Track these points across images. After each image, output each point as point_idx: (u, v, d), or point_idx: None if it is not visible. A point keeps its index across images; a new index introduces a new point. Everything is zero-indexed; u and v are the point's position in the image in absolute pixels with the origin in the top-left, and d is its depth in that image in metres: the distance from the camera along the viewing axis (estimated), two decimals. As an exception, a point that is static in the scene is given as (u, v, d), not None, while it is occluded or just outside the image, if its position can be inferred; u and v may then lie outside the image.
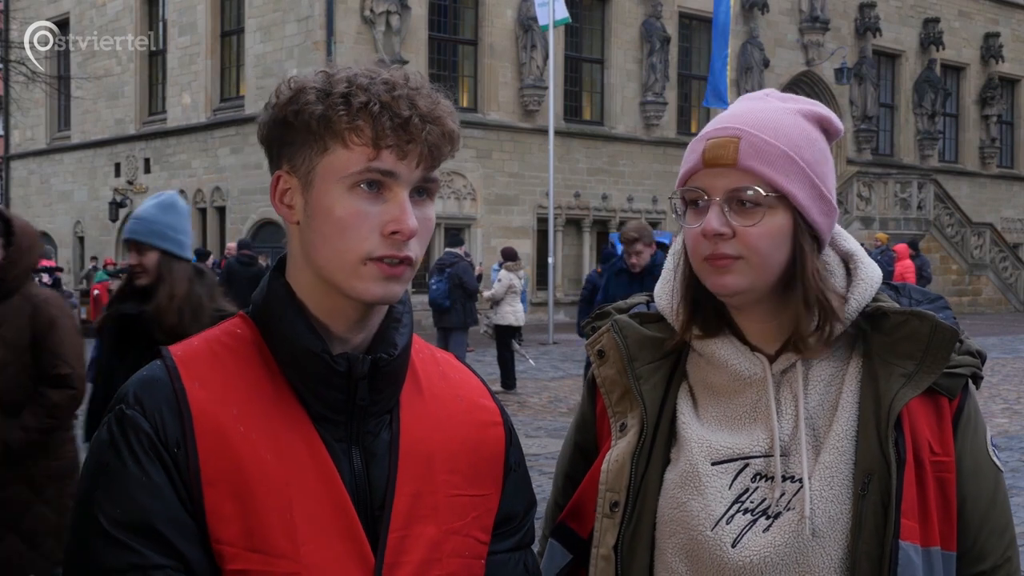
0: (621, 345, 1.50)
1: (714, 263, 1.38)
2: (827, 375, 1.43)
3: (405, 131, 1.18)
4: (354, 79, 1.20)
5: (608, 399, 1.52)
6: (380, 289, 1.20)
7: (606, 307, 1.59)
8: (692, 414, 1.46)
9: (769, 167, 1.36)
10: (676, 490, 1.43)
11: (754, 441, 1.41)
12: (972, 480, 1.41)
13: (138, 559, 1.14)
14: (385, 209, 1.19)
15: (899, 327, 1.40)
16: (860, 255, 1.47)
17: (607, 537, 1.46)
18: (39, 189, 29.39)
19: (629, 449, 1.46)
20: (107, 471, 1.17)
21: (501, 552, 1.37)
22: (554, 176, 19.42)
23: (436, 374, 1.38)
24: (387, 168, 1.18)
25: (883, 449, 1.35)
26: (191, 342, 1.29)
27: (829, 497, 1.36)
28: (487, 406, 1.41)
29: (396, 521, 1.24)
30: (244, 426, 1.20)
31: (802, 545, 1.36)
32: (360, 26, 21.45)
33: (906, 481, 1.34)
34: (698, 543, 1.39)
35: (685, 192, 1.42)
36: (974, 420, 1.43)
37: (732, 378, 1.45)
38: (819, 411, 1.41)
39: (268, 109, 1.24)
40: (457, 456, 1.33)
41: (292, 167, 1.23)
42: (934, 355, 1.37)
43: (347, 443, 1.25)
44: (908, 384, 1.37)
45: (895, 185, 26.82)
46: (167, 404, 1.19)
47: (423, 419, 1.32)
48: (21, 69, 19.09)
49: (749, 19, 26.98)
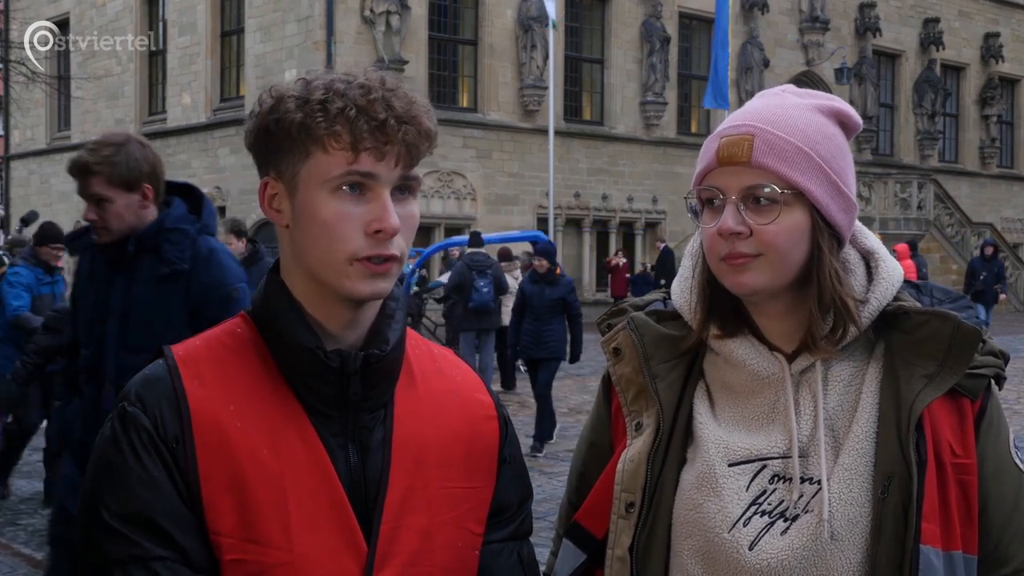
0: (637, 343, 1.48)
1: (731, 262, 1.36)
2: (847, 375, 1.41)
3: (382, 133, 1.22)
4: (331, 85, 1.24)
5: (624, 397, 1.50)
6: (368, 287, 1.25)
7: (622, 304, 1.58)
8: (709, 414, 1.45)
9: (784, 164, 1.35)
10: (692, 491, 1.41)
11: (772, 442, 1.39)
12: (994, 483, 1.38)
13: (139, 551, 1.19)
14: (368, 209, 1.24)
15: (921, 327, 1.38)
16: (882, 253, 1.45)
17: (623, 538, 1.44)
18: (39, 189, 29.37)
19: (645, 449, 1.44)
20: (109, 466, 1.23)
21: (495, 542, 1.40)
22: (554, 176, 19.41)
23: (432, 369, 1.42)
24: (367, 170, 1.23)
25: (904, 451, 1.33)
26: (192, 342, 1.33)
27: (848, 500, 1.34)
28: (482, 400, 1.44)
29: (389, 513, 1.28)
30: (241, 422, 1.25)
31: (820, 548, 1.34)
32: (360, 26, 21.44)
33: (927, 484, 1.31)
34: (714, 545, 1.38)
35: (701, 191, 1.40)
36: (997, 422, 1.40)
37: (750, 378, 1.43)
38: (838, 412, 1.39)
39: (252, 117, 1.29)
40: (451, 449, 1.36)
41: (278, 173, 1.28)
42: (956, 356, 1.35)
43: (343, 438, 1.29)
44: (930, 385, 1.35)
45: (895, 185, 26.81)
46: (167, 401, 1.24)
47: (417, 413, 1.35)
48: (21, 69, 19.08)
49: (749, 19, 26.96)
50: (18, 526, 6.94)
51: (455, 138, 22.59)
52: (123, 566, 1.19)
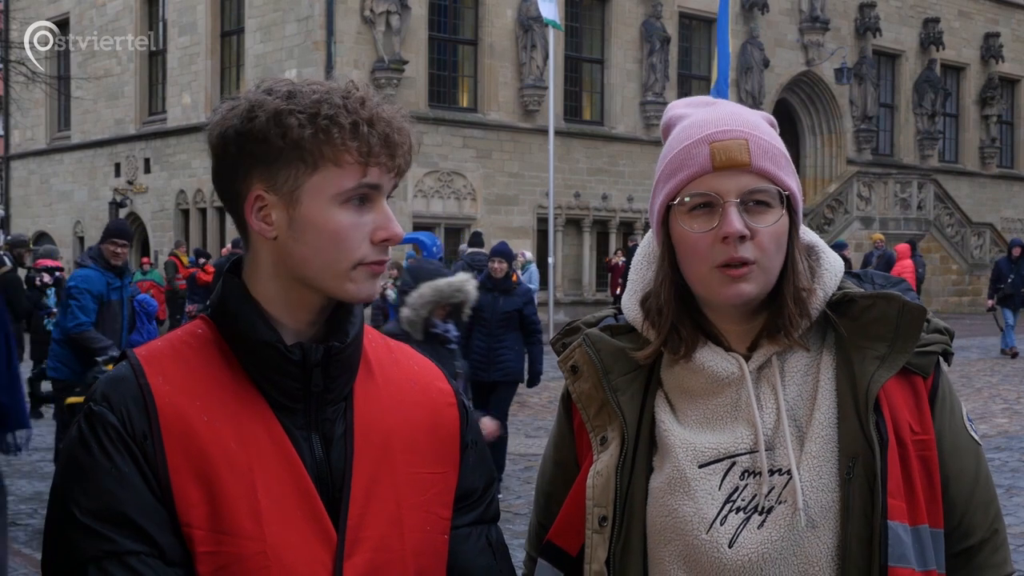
0: (595, 359, 1.49)
1: (731, 272, 1.37)
2: (802, 366, 1.43)
3: (388, 147, 1.28)
4: (328, 99, 1.26)
5: (585, 414, 1.50)
6: (369, 288, 1.31)
7: (575, 323, 1.59)
8: (672, 420, 1.46)
9: (775, 167, 1.38)
10: (665, 497, 1.42)
11: (738, 439, 1.41)
12: (954, 458, 1.42)
13: (112, 546, 1.20)
14: (372, 219, 1.30)
15: (867, 311, 1.41)
16: (821, 246, 1.49)
17: (598, 552, 1.45)
18: (39, 189, 29.37)
19: (612, 462, 1.45)
20: (79, 465, 1.24)
21: (463, 526, 1.44)
22: (554, 176, 19.40)
23: (388, 360, 1.45)
24: (375, 183, 1.29)
25: (865, 432, 1.36)
26: (155, 343, 1.36)
27: (819, 486, 1.37)
28: (442, 388, 1.48)
29: (355, 500, 1.31)
30: (208, 416, 1.27)
31: (797, 537, 1.36)
32: (360, 26, 21.44)
33: (890, 462, 1.35)
34: (694, 548, 1.39)
35: (692, 197, 1.39)
36: (949, 397, 1.44)
37: (709, 380, 1.44)
38: (798, 402, 1.42)
39: (234, 121, 1.27)
40: (414, 435, 1.40)
41: (271, 185, 1.28)
42: (905, 335, 1.39)
43: (307, 430, 1.33)
44: (883, 366, 1.38)
45: (895, 185, 26.82)
46: (133, 399, 1.26)
47: (377, 403, 1.39)
48: (21, 69, 19.07)
49: (749, 19, 26.95)
50: (18, 526, 6.94)
51: (455, 138, 22.60)
52: (98, 562, 1.19)
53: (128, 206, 24.91)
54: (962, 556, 1.42)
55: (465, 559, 1.43)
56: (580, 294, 24.13)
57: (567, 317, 22.49)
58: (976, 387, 13.29)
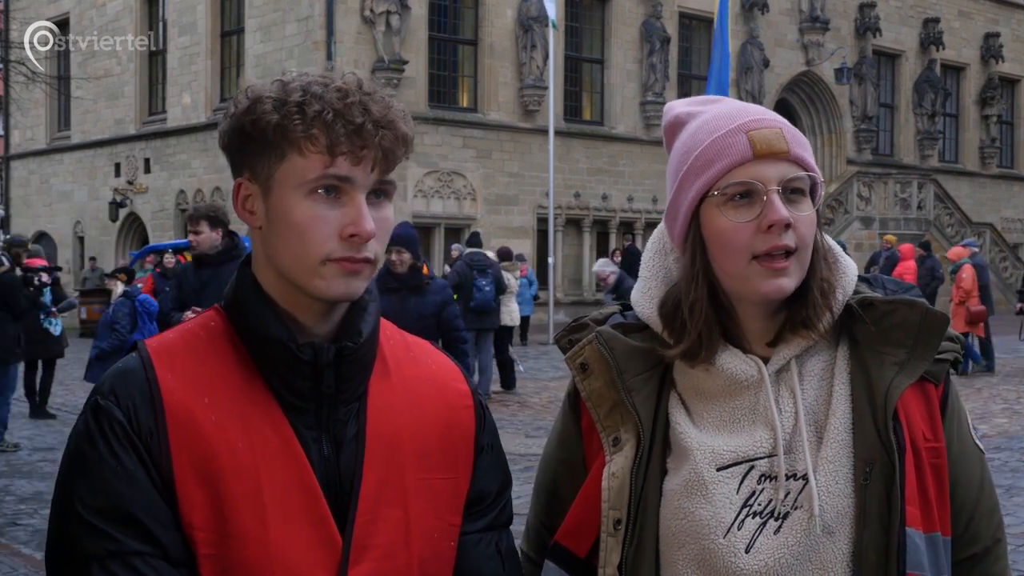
0: (608, 357, 1.45)
1: (773, 265, 1.34)
2: (819, 369, 1.42)
3: (359, 137, 1.22)
4: (308, 87, 1.24)
5: (596, 413, 1.46)
6: (342, 286, 1.25)
7: (582, 319, 1.55)
8: (687, 421, 1.43)
9: (807, 155, 1.38)
10: (681, 500, 1.40)
11: (756, 442, 1.39)
12: (961, 465, 1.41)
13: (116, 545, 1.18)
14: (343, 213, 1.23)
15: (888, 315, 1.39)
16: (837, 248, 1.47)
17: (612, 556, 1.42)
18: (39, 189, 29.37)
19: (627, 464, 1.42)
20: (83, 460, 1.22)
21: (473, 532, 1.40)
22: (554, 176, 19.42)
23: (406, 359, 1.41)
24: (343, 174, 1.23)
25: (882, 438, 1.34)
26: (166, 335, 1.33)
27: (835, 491, 1.35)
28: (458, 389, 1.43)
29: (364, 505, 1.28)
30: (215, 414, 1.24)
31: (813, 543, 1.34)
32: (360, 26, 21.45)
33: (907, 468, 1.34)
34: (710, 552, 1.37)
35: (731, 187, 1.36)
36: (957, 405, 1.44)
37: (727, 382, 1.42)
38: (815, 406, 1.40)
39: (227, 118, 1.28)
40: (426, 439, 1.36)
41: (252, 174, 1.27)
42: (925, 342, 1.37)
43: (316, 431, 1.29)
44: (902, 372, 1.36)
45: (895, 185, 26.81)
46: (140, 394, 1.23)
47: (391, 404, 1.35)
48: (21, 69, 19.04)
49: (749, 19, 26.96)
50: (18, 526, 6.94)
51: (455, 138, 22.61)
52: (101, 561, 1.17)
53: (128, 206, 24.91)
54: (965, 564, 1.41)
55: (472, 566, 1.40)
56: (580, 294, 24.13)
57: (567, 317, 22.46)
58: (976, 387, 13.29)
